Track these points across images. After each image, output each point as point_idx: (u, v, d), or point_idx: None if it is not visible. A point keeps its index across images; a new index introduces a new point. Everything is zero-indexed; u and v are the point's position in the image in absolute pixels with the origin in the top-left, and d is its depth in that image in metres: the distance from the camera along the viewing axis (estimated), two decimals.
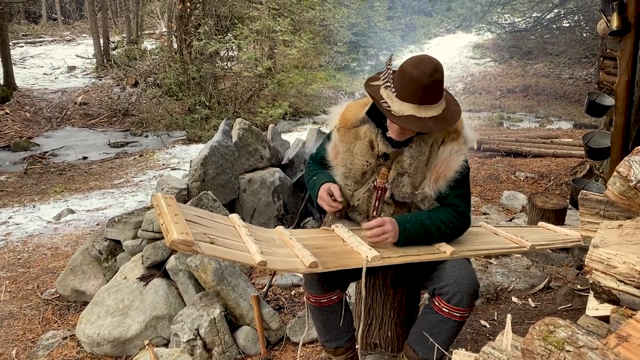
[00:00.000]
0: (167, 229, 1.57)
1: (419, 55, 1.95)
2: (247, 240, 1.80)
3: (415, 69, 1.87)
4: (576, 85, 16.07)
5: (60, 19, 23.13)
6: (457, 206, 2.09)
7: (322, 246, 1.97)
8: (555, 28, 17.66)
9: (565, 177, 6.40)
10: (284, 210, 5.01)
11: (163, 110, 12.39)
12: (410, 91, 1.88)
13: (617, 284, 1.38)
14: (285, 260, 1.79)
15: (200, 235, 1.64)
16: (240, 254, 1.69)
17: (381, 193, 2.10)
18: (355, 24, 17.92)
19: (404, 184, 2.07)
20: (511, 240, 2.39)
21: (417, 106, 1.89)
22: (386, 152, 2.08)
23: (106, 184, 7.51)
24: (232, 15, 12.84)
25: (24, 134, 11.02)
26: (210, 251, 1.60)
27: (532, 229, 2.89)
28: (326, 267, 1.80)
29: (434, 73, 1.87)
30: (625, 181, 1.42)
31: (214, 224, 1.87)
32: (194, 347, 2.82)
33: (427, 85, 1.87)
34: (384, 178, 2.08)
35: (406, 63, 1.92)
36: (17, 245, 4.92)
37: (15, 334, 3.38)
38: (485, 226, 2.62)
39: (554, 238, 2.63)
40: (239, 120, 4.89)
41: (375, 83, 2.04)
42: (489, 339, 2.80)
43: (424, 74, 1.86)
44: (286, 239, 1.98)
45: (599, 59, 4.84)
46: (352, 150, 2.14)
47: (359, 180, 2.15)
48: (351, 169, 2.15)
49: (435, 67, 1.88)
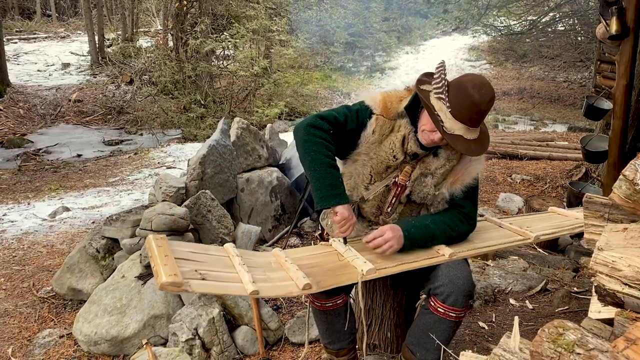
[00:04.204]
0: (157, 272, 1.61)
1: (480, 77, 1.93)
2: (240, 270, 1.80)
3: (477, 92, 1.86)
4: (571, 89, 16.16)
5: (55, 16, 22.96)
6: (463, 207, 2.11)
7: (317, 264, 1.98)
8: (551, 31, 17.73)
9: (561, 180, 6.43)
10: (281, 210, 5.00)
11: (158, 108, 12.33)
12: (467, 113, 1.88)
13: (622, 287, 1.38)
14: (278, 286, 1.80)
15: (190, 272, 1.67)
16: (232, 286, 1.72)
17: (400, 191, 2.10)
18: (351, 25, 17.94)
19: (427, 184, 2.08)
20: (515, 233, 2.39)
21: (467, 128, 1.90)
22: (416, 152, 2.07)
23: (101, 182, 7.47)
24: (229, 14, 12.80)
25: (17, 130, 10.93)
26: (201, 288, 1.65)
27: (540, 217, 2.89)
28: (320, 287, 1.82)
29: (491, 100, 1.89)
30: (631, 184, 1.42)
31: (206, 258, 1.88)
32: (192, 346, 2.81)
33: (483, 110, 1.89)
34: (406, 176, 2.07)
35: (468, 82, 1.90)
36: (11, 242, 4.88)
37: (10, 332, 3.36)
38: (489, 219, 2.62)
39: (562, 224, 2.62)
40: (237, 120, 4.89)
41: (425, 88, 1.99)
42: (487, 340, 2.82)
43: (484, 100, 1.87)
44: (282, 261, 1.98)
45: (596, 62, 4.87)
46: (383, 142, 2.08)
47: (379, 173, 2.10)
48: (374, 158, 2.09)
49: (493, 94, 1.90)
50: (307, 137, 1.98)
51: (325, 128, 2.00)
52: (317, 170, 1.95)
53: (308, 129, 1.99)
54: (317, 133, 1.98)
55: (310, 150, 1.97)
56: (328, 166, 1.96)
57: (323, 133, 1.99)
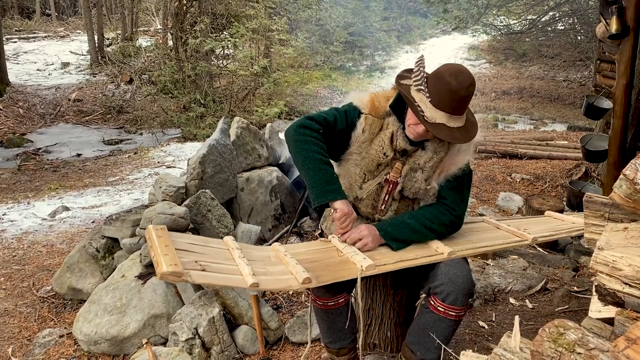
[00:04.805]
0: (157, 262, 1.61)
1: (456, 65, 1.97)
2: (240, 263, 1.81)
3: (454, 79, 1.89)
4: (570, 88, 16.16)
5: (54, 15, 22.94)
6: (445, 199, 2.13)
7: (316, 259, 1.98)
8: (550, 31, 17.73)
9: (561, 179, 6.44)
10: (281, 209, 5.00)
11: (158, 107, 12.32)
12: (447, 101, 1.90)
13: (622, 286, 1.38)
14: (278, 279, 1.80)
15: (191, 263, 1.67)
16: (232, 278, 1.72)
17: (392, 187, 2.11)
18: (351, 24, 17.94)
19: (417, 179, 2.09)
20: (513, 234, 2.40)
21: (449, 115, 1.92)
22: (405, 148, 2.09)
23: (101, 182, 7.46)
24: (228, 13, 12.79)
25: (17, 130, 10.92)
26: (201, 279, 1.65)
27: (537, 220, 2.90)
28: (320, 281, 1.82)
29: (469, 86, 1.91)
30: (631, 184, 1.42)
31: (207, 250, 1.89)
32: (192, 346, 2.81)
33: (463, 97, 1.91)
34: (397, 172, 2.10)
35: (445, 71, 1.93)
36: (11, 242, 4.88)
37: (10, 331, 3.35)
38: (488, 220, 2.63)
39: (559, 228, 2.64)
40: (237, 119, 4.88)
41: (406, 82, 2.03)
42: (487, 339, 2.82)
43: (462, 85, 1.89)
44: (281, 255, 1.98)
45: (596, 61, 4.87)
46: (373, 140, 2.11)
47: (372, 171, 2.13)
48: (365, 157, 2.12)
49: (472, 80, 1.92)
50: (298, 137, 2.01)
51: (315, 128, 2.02)
52: (310, 168, 1.96)
53: (298, 130, 2.02)
54: (307, 132, 2.01)
55: (301, 149, 1.98)
56: (321, 162, 1.97)
57: (313, 132, 2.01)
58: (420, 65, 1.96)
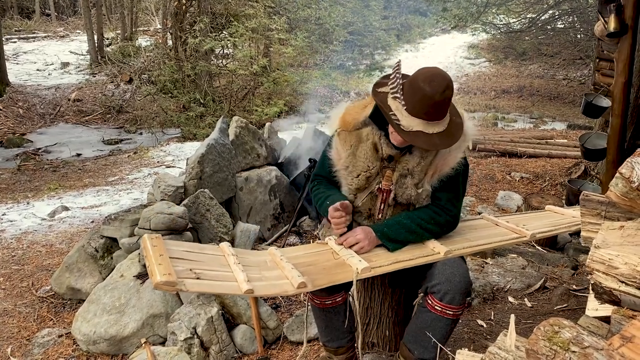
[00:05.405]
0: (152, 272, 1.62)
1: (432, 69, 1.92)
2: (235, 269, 1.81)
3: (427, 85, 1.84)
4: (570, 87, 16.16)
5: (54, 15, 22.93)
6: (439, 199, 2.11)
7: (313, 263, 1.99)
8: (550, 29, 17.72)
9: (560, 178, 6.44)
10: (280, 208, 5.00)
11: (157, 107, 12.32)
12: (421, 107, 1.86)
13: (619, 284, 1.38)
14: (273, 284, 1.80)
15: (185, 272, 1.67)
16: (227, 285, 1.72)
17: (386, 195, 2.11)
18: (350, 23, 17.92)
19: (407, 186, 2.08)
20: (512, 231, 2.39)
21: (425, 122, 1.89)
22: (391, 154, 2.08)
23: (100, 181, 7.47)
24: (228, 12, 12.78)
25: (17, 130, 10.93)
26: (195, 287, 1.66)
27: (536, 215, 2.90)
28: (315, 285, 1.82)
29: (445, 90, 1.85)
30: (627, 182, 1.42)
31: (202, 257, 1.89)
32: (191, 345, 2.81)
33: (438, 102, 1.86)
34: (389, 180, 2.09)
35: (419, 76, 1.89)
36: (11, 242, 4.88)
37: (10, 331, 3.36)
38: (486, 217, 2.63)
39: (559, 223, 2.63)
40: (236, 119, 4.88)
41: (383, 90, 2.00)
42: (486, 338, 2.81)
43: (436, 91, 1.84)
44: (277, 260, 1.98)
45: (595, 60, 4.87)
46: (356, 153, 2.12)
47: (363, 182, 2.13)
48: (353, 171, 2.13)
49: (447, 84, 1.86)
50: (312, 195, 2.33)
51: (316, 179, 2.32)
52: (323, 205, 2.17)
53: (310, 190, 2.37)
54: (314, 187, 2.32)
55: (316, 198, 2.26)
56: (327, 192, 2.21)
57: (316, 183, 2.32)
58: (397, 72, 1.91)
